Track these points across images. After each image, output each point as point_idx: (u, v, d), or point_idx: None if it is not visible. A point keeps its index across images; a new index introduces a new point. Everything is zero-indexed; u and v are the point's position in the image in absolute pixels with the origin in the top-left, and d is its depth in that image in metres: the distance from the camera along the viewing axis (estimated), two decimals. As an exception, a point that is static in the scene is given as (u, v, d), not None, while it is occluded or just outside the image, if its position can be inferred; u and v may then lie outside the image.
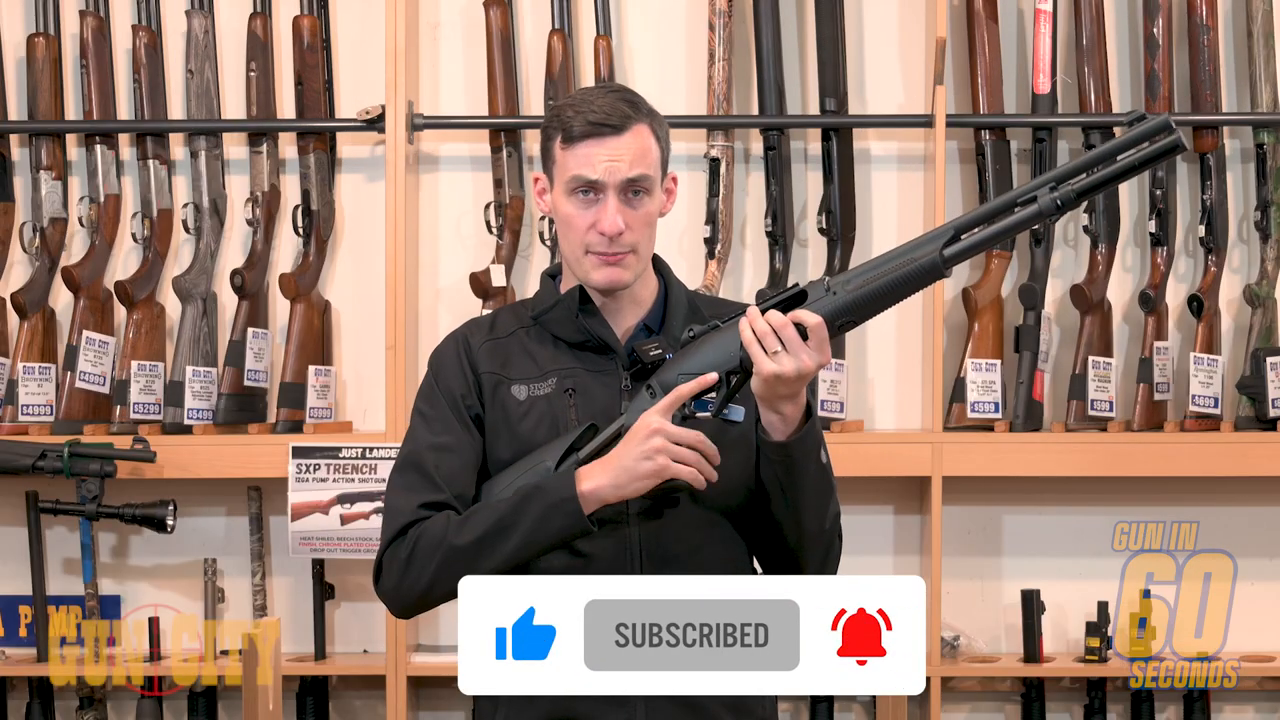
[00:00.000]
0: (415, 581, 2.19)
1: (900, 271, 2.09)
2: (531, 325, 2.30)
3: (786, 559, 2.23)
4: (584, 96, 2.23)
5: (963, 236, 2.09)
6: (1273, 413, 3.69)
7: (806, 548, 2.21)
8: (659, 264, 2.33)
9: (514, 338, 2.30)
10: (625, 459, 2.11)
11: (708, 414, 2.14)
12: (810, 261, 3.85)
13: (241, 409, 3.78)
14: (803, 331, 2.07)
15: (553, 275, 2.34)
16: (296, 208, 3.86)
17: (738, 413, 2.15)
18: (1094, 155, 2.08)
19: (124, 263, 3.89)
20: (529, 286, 3.82)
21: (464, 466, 2.23)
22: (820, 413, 3.09)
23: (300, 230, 3.85)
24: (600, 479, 2.12)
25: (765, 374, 2.07)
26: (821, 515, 2.19)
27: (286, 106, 3.88)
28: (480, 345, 2.30)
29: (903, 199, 3.87)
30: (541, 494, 2.14)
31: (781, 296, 2.13)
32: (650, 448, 2.10)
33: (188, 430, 3.73)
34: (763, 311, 2.11)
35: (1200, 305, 3.75)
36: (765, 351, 2.07)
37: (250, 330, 3.78)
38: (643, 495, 2.13)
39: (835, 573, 2.27)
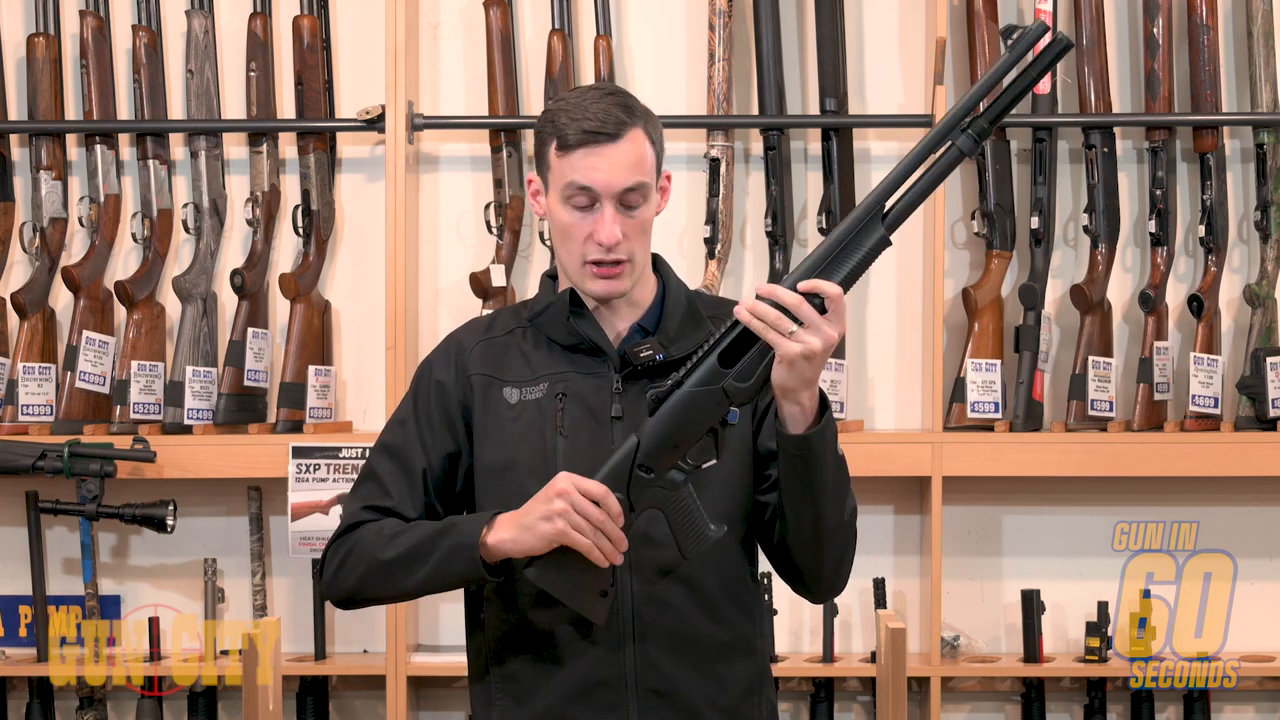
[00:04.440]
0: (344, 582, 2.26)
1: (852, 261, 2.05)
2: (528, 326, 2.30)
3: (804, 556, 2.20)
4: (578, 101, 2.19)
5: (889, 204, 2.05)
6: (1273, 413, 3.69)
7: (826, 543, 2.17)
8: (659, 263, 2.31)
9: (511, 337, 2.30)
10: (529, 515, 2.10)
11: (713, 462, 2.11)
12: (810, 261, 3.85)
13: (241, 409, 3.78)
14: (819, 303, 2.03)
15: (552, 276, 2.33)
16: (296, 208, 3.86)
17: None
18: (986, 81, 2.06)
19: (124, 263, 3.89)
20: (529, 286, 3.82)
21: (415, 479, 2.27)
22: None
23: (300, 230, 3.85)
24: (504, 532, 2.12)
25: (792, 355, 2.01)
26: (841, 508, 2.16)
27: (286, 106, 3.88)
28: (474, 346, 2.30)
29: (903, 199, 3.86)
30: (454, 532, 2.16)
31: (736, 330, 2.06)
32: (552, 509, 2.08)
33: (188, 430, 3.73)
34: (726, 346, 2.07)
35: (1200, 305, 3.75)
36: (782, 335, 2.01)
37: (250, 330, 3.78)
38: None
39: (850, 571, 2.26)
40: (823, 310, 2.02)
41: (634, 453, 2.09)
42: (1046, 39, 2.05)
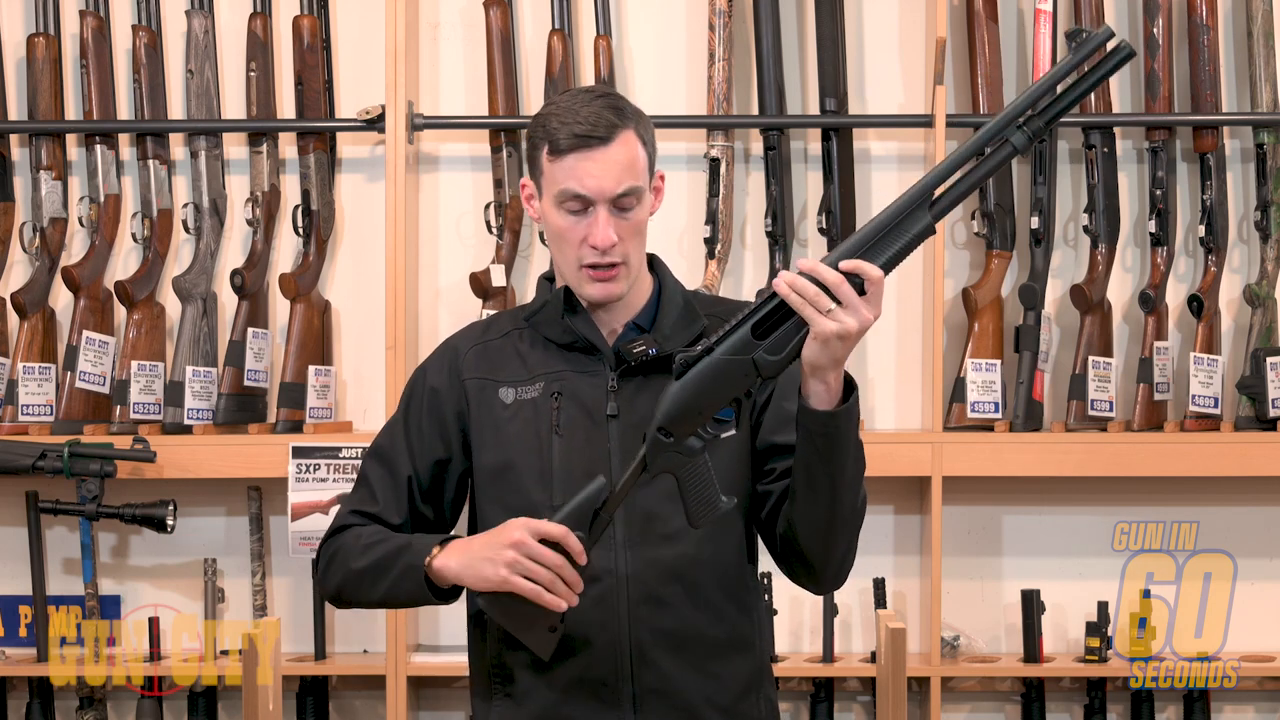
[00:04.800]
0: (329, 584, 2.30)
1: (896, 245, 2.05)
2: (525, 327, 2.30)
3: (813, 543, 2.17)
4: (569, 105, 2.19)
5: (938, 192, 2.05)
6: (1273, 413, 3.69)
7: (838, 529, 2.16)
8: (654, 262, 2.32)
9: (507, 339, 2.30)
10: (479, 552, 2.12)
11: (732, 432, 2.12)
12: (810, 261, 3.85)
13: (241, 409, 3.78)
14: (858, 284, 2.02)
15: (549, 278, 2.33)
16: (296, 208, 3.86)
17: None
18: (1048, 80, 2.04)
19: (124, 263, 3.89)
20: (529, 286, 3.82)
21: (400, 486, 2.29)
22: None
23: (300, 230, 3.86)
24: (451, 559, 2.15)
25: (827, 334, 2.00)
26: (856, 494, 2.15)
27: (286, 106, 3.89)
28: (468, 350, 2.31)
29: (903, 199, 3.86)
30: (409, 551, 2.19)
31: (774, 302, 2.05)
32: (503, 558, 2.09)
33: (188, 430, 3.73)
34: (762, 316, 2.06)
35: (1200, 305, 3.75)
36: (819, 312, 2.01)
37: (250, 330, 3.78)
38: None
39: (854, 562, 2.24)
40: (862, 292, 2.02)
41: (600, 494, 2.09)
42: (1111, 44, 2.03)
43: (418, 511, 2.30)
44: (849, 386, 2.08)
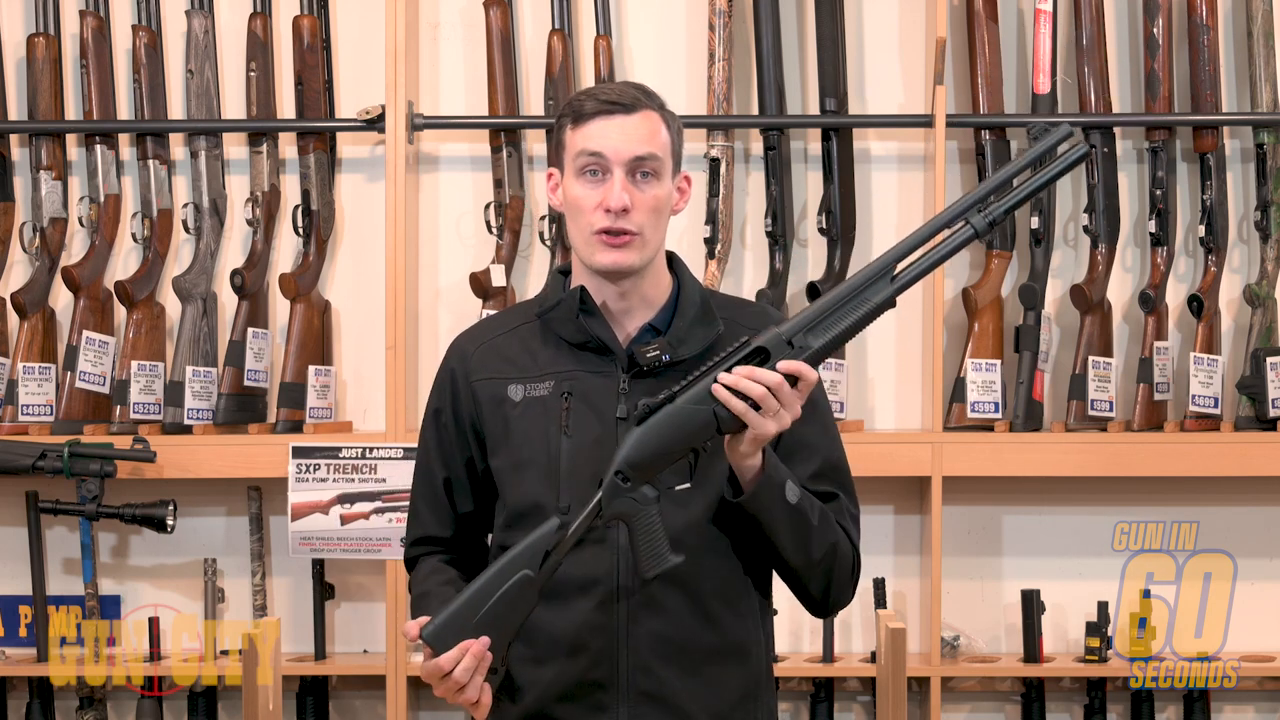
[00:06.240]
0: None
1: (857, 314, 2.12)
2: (536, 322, 2.30)
3: (789, 583, 2.27)
4: (599, 86, 2.28)
5: (899, 268, 2.12)
6: (1273, 413, 3.69)
7: (807, 578, 2.24)
8: (675, 262, 2.32)
9: (516, 334, 2.30)
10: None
11: (686, 486, 2.14)
12: (810, 261, 3.85)
13: (241, 409, 3.78)
14: (792, 380, 2.08)
15: (564, 272, 2.33)
16: (296, 208, 3.86)
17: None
18: (1009, 171, 2.15)
19: (124, 263, 3.89)
20: (529, 286, 3.82)
21: (439, 494, 2.32)
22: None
23: (300, 230, 3.86)
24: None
25: (768, 435, 2.08)
26: (804, 551, 2.20)
27: (286, 106, 3.89)
28: (475, 350, 2.31)
29: (903, 199, 3.87)
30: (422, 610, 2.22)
31: (741, 354, 2.10)
32: (436, 690, 2.14)
33: (188, 430, 3.73)
34: (728, 369, 2.09)
35: (1200, 305, 3.75)
36: (764, 414, 2.07)
37: (250, 330, 3.78)
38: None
39: (846, 592, 2.29)
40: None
41: (551, 536, 2.11)
42: (1068, 144, 2.14)
43: (460, 511, 2.32)
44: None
